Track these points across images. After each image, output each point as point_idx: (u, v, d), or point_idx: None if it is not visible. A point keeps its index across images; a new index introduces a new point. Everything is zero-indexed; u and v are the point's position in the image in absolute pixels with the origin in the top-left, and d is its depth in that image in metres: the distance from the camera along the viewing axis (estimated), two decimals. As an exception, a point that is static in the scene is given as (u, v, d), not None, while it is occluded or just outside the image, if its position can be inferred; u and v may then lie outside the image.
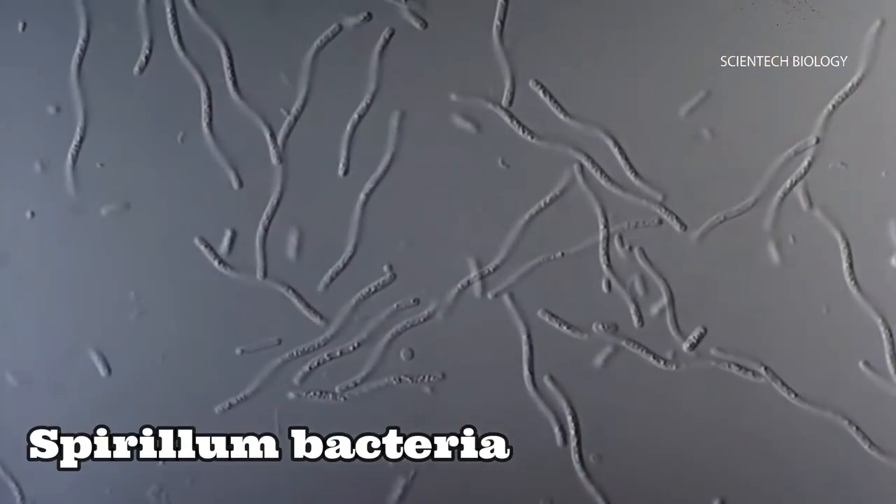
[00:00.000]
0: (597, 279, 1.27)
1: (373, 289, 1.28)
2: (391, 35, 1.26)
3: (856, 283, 1.25)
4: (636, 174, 1.27)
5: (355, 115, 1.27)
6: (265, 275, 1.28)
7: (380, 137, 1.28)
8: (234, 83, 1.27)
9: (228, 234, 1.26)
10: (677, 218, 1.26)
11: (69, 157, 1.28)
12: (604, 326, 1.27)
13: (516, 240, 1.27)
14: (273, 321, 1.28)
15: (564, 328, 1.26)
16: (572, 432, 1.27)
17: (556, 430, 1.27)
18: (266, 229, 1.28)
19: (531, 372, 1.27)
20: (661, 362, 1.26)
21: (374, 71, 1.27)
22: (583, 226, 1.27)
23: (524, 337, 1.27)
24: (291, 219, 1.28)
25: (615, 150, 1.27)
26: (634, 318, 1.27)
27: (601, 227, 1.27)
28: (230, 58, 1.27)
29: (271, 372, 1.28)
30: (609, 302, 1.27)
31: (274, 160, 1.27)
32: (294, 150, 1.28)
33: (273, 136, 1.27)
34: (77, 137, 1.28)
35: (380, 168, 1.27)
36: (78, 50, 1.27)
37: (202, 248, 1.28)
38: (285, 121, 1.27)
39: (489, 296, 1.27)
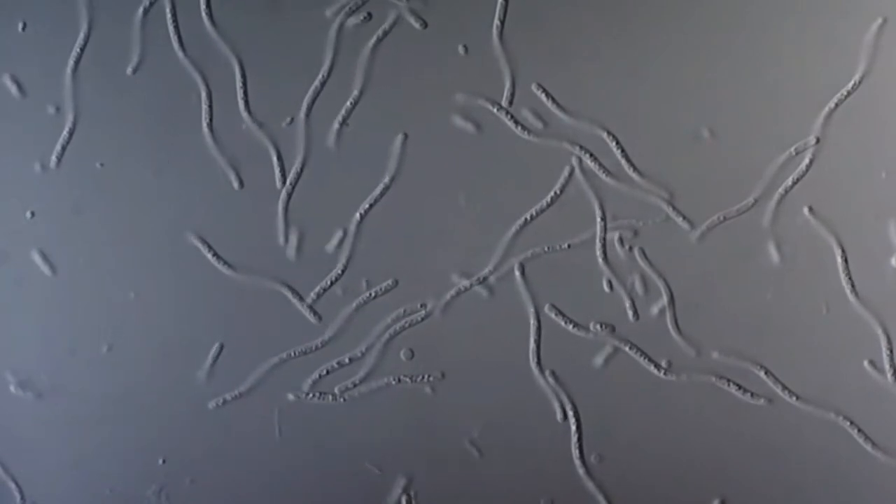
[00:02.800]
0: (598, 278, 1.27)
1: (371, 288, 1.28)
2: (391, 27, 1.26)
3: (856, 283, 1.25)
4: (638, 173, 1.27)
5: (355, 115, 1.27)
6: (265, 275, 1.28)
7: (380, 137, 1.28)
8: (245, 91, 1.27)
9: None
10: (684, 216, 1.26)
11: (69, 157, 1.28)
12: (601, 326, 1.27)
13: (516, 238, 1.27)
14: (272, 321, 1.28)
15: (570, 327, 1.26)
16: (573, 431, 1.27)
17: (557, 428, 1.27)
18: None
19: (539, 369, 1.27)
20: (662, 371, 1.26)
21: (375, 71, 1.27)
22: (583, 225, 1.27)
23: (532, 333, 1.26)
24: (292, 219, 1.28)
25: (615, 150, 1.27)
26: (631, 318, 1.27)
27: (603, 225, 1.27)
28: (241, 66, 1.27)
29: (271, 373, 1.28)
30: (611, 301, 1.27)
31: (278, 183, 1.27)
32: (293, 149, 1.28)
33: (280, 159, 1.27)
34: (77, 137, 1.28)
35: (381, 168, 1.27)
36: (78, 49, 1.27)
37: (201, 247, 1.28)
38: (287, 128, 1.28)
39: (492, 293, 1.27)
